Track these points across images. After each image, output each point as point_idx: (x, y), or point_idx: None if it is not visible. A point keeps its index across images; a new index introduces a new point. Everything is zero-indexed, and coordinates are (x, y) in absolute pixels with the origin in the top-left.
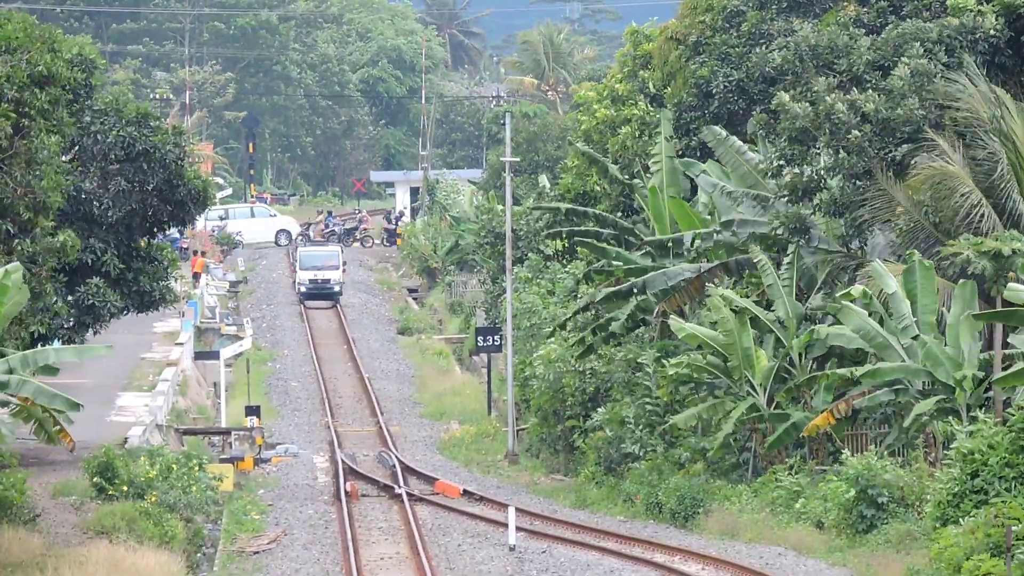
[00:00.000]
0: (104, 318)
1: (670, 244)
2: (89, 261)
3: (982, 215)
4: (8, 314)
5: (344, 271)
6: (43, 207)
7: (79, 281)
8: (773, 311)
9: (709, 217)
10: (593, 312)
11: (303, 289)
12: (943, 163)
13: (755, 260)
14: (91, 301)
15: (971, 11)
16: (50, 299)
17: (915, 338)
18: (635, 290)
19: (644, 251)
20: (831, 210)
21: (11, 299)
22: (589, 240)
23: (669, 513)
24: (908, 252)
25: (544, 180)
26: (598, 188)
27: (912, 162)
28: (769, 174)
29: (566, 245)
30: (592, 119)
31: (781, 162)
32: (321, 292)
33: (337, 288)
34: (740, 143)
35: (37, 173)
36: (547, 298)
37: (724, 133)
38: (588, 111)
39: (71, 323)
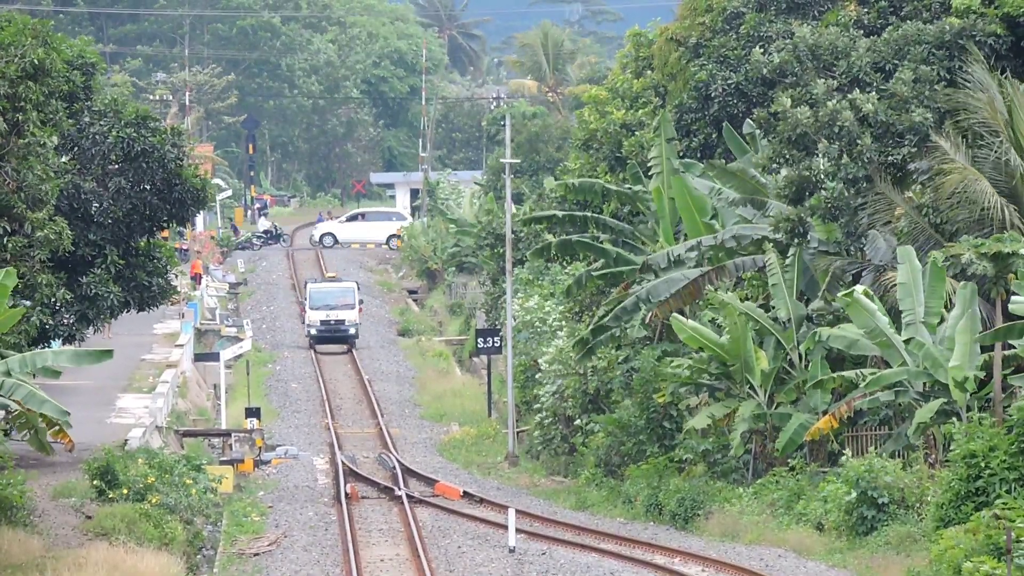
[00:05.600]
0: (105, 311)
1: (672, 259)
2: (89, 257)
3: (1000, 216)
4: (5, 323)
5: (361, 310)
6: (36, 201)
7: (79, 276)
8: (773, 312)
9: (712, 221)
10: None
11: (313, 331)
12: (960, 162)
13: (766, 261)
14: (93, 291)
15: (974, 12)
16: (46, 292)
17: (908, 341)
18: (640, 300)
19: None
20: (827, 215)
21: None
22: (588, 240)
23: (669, 515)
24: (930, 254)
25: (525, 189)
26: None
27: (913, 166)
28: (765, 169)
29: (558, 257)
30: (602, 120)
31: (778, 163)
32: (334, 335)
33: (352, 330)
34: (741, 165)
35: (31, 167)
36: (549, 299)
37: (723, 163)
38: (599, 111)
39: (72, 318)
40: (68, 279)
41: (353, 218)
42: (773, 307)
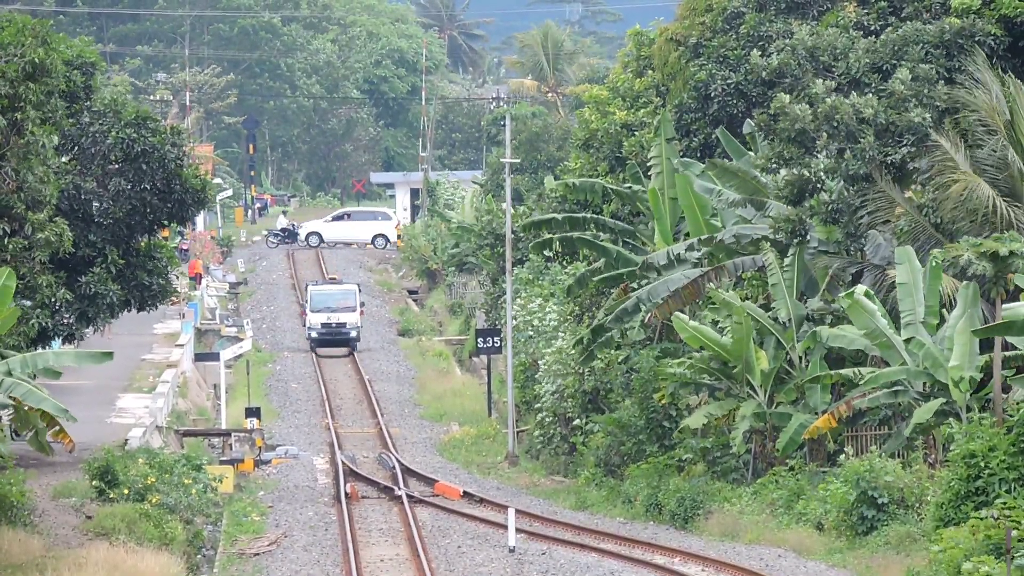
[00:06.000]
0: (105, 310)
1: (672, 257)
2: (89, 257)
3: (1003, 216)
4: (5, 323)
5: (362, 312)
6: (36, 202)
7: (79, 275)
8: (773, 312)
9: (714, 220)
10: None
11: (314, 334)
12: (961, 166)
13: (765, 260)
14: (93, 290)
15: (973, 12)
16: (46, 293)
17: (908, 341)
18: (639, 301)
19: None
20: (827, 217)
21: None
22: (589, 238)
23: (669, 515)
24: (930, 253)
25: (523, 190)
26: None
27: (913, 165)
28: (765, 169)
29: (558, 252)
30: (603, 119)
31: (778, 162)
32: (335, 338)
33: (354, 333)
34: (741, 165)
35: (31, 167)
36: (550, 299)
37: (724, 162)
38: (600, 111)
39: (72, 318)
40: (68, 279)
41: (339, 217)
42: (773, 307)
